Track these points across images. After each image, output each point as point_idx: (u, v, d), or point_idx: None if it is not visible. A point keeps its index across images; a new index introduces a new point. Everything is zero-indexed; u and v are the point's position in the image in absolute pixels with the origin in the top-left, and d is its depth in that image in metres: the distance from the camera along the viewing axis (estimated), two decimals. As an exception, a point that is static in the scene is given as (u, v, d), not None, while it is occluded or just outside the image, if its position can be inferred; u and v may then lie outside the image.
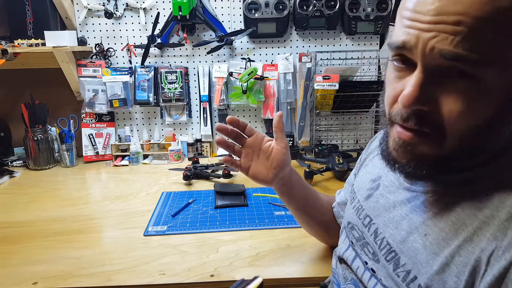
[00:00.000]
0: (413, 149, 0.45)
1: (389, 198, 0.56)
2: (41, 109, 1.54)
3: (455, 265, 0.42)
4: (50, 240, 0.97)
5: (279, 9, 1.52)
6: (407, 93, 0.42)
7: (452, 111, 0.41)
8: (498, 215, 0.41)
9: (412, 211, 0.50)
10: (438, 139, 0.43)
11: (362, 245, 0.58)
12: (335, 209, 0.81)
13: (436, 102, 0.42)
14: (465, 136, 0.42)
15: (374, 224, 0.57)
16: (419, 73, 0.42)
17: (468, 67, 0.39)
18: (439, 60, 0.40)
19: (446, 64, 0.39)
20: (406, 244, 0.49)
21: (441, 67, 0.40)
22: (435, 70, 0.41)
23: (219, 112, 1.67)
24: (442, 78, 0.41)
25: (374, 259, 0.55)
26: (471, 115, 0.41)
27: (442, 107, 0.42)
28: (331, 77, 1.48)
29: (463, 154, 0.44)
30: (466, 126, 0.41)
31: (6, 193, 1.32)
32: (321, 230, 0.84)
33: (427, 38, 0.40)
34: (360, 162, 0.73)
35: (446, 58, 0.39)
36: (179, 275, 0.80)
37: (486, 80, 0.39)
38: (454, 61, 0.39)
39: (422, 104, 0.42)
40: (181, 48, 1.62)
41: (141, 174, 1.48)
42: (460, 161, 0.45)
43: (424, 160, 0.45)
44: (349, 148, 1.72)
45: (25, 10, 1.46)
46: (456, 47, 0.38)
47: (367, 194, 0.62)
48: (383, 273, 0.52)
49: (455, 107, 0.41)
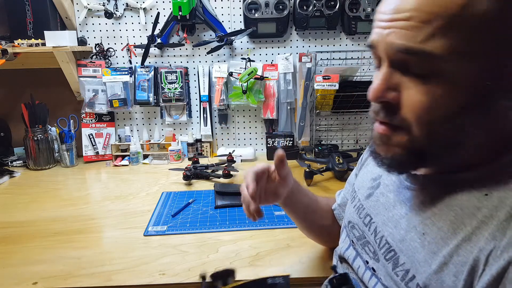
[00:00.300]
0: (388, 141, 0.47)
1: (390, 197, 0.56)
2: (41, 109, 1.54)
3: (453, 264, 0.42)
4: (50, 240, 0.97)
5: (279, 9, 1.52)
6: (373, 86, 0.46)
7: (414, 103, 0.43)
8: (497, 215, 0.41)
9: (412, 210, 0.50)
10: (407, 130, 0.45)
11: (363, 244, 0.58)
12: (335, 211, 0.81)
13: (401, 94, 0.44)
14: (431, 126, 0.43)
15: (374, 222, 0.57)
16: (384, 67, 0.45)
17: (421, 59, 0.41)
18: (397, 54, 0.43)
19: (403, 57, 0.42)
20: (405, 243, 0.49)
21: (401, 61, 0.43)
22: (397, 64, 0.44)
23: (219, 112, 1.67)
24: (404, 71, 0.44)
25: (375, 258, 0.55)
26: (432, 107, 0.42)
27: (405, 99, 0.44)
28: (331, 77, 1.48)
29: (433, 146, 0.45)
30: (429, 117, 0.43)
31: (6, 193, 1.32)
32: (322, 234, 0.84)
33: (385, 34, 0.43)
34: (362, 162, 0.73)
35: (400, 51, 0.42)
36: (179, 275, 0.80)
37: (445, 72, 0.41)
38: (407, 54, 0.41)
39: (386, 96, 0.45)
40: (181, 48, 1.62)
41: (141, 174, 1.48)
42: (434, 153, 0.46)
43: (399, 151, 0.47)
44: (349, 148, 1.72)
45: (25, 10, 1.46)
46: (407, 40, 0.41)
47: (368, 193, 0.62)
48: (383, 272, 0.52)
49: (417, 98, 0.43)
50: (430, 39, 0.40)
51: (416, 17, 0.40)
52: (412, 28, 0.41)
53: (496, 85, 0.41)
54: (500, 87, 0.42)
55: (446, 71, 0.41)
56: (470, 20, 0.39)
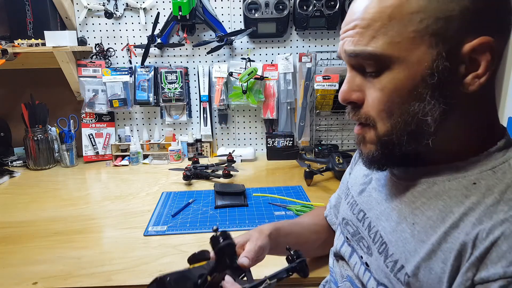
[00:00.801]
0: (363, 139, 0.52)
1: (381, 191, 0.57)
2: (41, 109, 1.54)
3: (441, 251, 0.43)
4: (50, 240, 0.97)
5: (279, 9, 1.52)
6: (341, 90, 0.51)
7: (374, 100, 0.48)
8: (484, 201, 0.42)
9: (402, 202, 0.51)
10: (374, 126, 0.49)
11: (358, 240, 0.59)
12: (328, 217, 0.81)
13: (363, 94, 0.49)
14: (392, 119, 0.47)
15: (367, 218, 0.58)
16: (347, 72, 0.51)
17: (369, 59, 0.46)
18: (351, 59, 0.49)
19: (357, 61, 0.48)
20: (395, 234, 0.50)
21: (357, 64, 0.48)
22: (357, 68, 0.49)
23: (219, 112, 1.67)
24: (363, 73, 0.49)
25: (368, 252, 0.55)
26: (388, 100, 0.46)
27: (366, 97, 0.49)
28: (331, 77, 1.48)
29: (400, 138, 0.47)
30: (388, 110, 0.47)
31: (6, 193, 1.32)
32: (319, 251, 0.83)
33: (341, 44, 0.49)
34: (355, 161, 0.74)
35: (351, 56, 0.48)
36: (179, 275, 0.80)
37: (392, 66, 0.45)
38: (356, 57, 0.47)
39: (352, 97, 0.50)
40: (181, 48, 1.62)
41: (141, 174, 1.48)
42: (403, 144, 0.48)
43: (372, 148, 0.51)
44: (349, 148, 1.72)
45: (25, 10, 1.46)
46: (354, 45, 0.46)
47: (361, 189, 0.63)
48: (375, 265, 0.53)
49: (374, 95, 0.47)
50: (372, 40, 0.45)
51: (359, 25, 0.46)
52: (357, 34, 0.46)
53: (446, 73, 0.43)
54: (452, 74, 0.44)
55: (392, 66, 0.45)
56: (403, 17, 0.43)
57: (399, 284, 0.47)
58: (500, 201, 0.41)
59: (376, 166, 0.52)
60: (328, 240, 0.80)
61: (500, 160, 0.45)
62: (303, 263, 0.62)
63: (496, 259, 0.38)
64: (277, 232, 0.72)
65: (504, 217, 0.40)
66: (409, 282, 0.46)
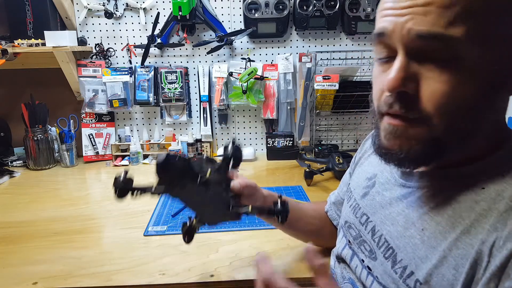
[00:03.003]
0: (403, 133, 0.45)
1: (385, 195, 0.56)
2: (41, 109, 1.54)
3: (452, 257, 0.42)
4: (50, 240, 0.97)
5: (279, 9, 1.52)
6: (391, 77, 0.43)
7: (433, 92, 0.42)
8: (496, 207, 0.41)
9: (409, 207, 0.51)
10: (424, 122, 0.43)
11: (359, 243, 0.59)
12: (329, 212, 0.81)
13: (419, 84, 0.43)
14: (449, 117, 0.42)
15: (371, 222, 0.57)
16: (400, 56, 0.43)
17: (444, 45, 0.40)
18: (417, 41, 0.41)
19: (424, 44, 0.41)
20: (403, 240, 0.49)
21: (420, 49, 0.41)
22: (415, 52, 0.42)
23: (219, 112, 1.67)
24: (422, 60, 0.42)
25: (371, 256, 0.55)
26: (452, 95, 0.41)
27: (424, 89, 0.42)
28: (331, 77, 1.48)
29: (452, 137, 0.44)
30: (449, 107, 0.42)
31: (6, 193, 1.32)
32: (310, 238, 0.83)
33: (403, 21, 0.41)
34: (355, 162, 0.74)
35: (423, 38, 0.40)
36: (179, 275, 0.80)
37: (465, 59, 0.40)
38: (431, 40, 0.40)
39: (405, 86, 0.43)
40: (181, 48, 1.62)
41: (141, 174, 1.48)
42: (451, 144, 0.44)
43: (415, 144, 0.45)
44: (349, 148, 1.72)
45: (25, 10, 1.46)
46: (431, 26, 0.39)
47: (363, 192, 0.62)
48: (380, 270, 0.52)
49: (435, 88, 0.41)
50: (451, 24, 0.39)
51: (436, 2, 0.39)
52: (432, 13, 0.39)
53: (506, 73, 0.42)
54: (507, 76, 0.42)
55: (466, 57, 0.40)
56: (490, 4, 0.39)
57: None
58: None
59: (411, 165, 0.47)
60: (323, 230, 0.81)
61: (509, 164, 0.44)
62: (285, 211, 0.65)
63: None
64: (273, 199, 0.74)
65: None
66: None
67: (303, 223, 0.81)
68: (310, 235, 0.83)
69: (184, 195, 0.65)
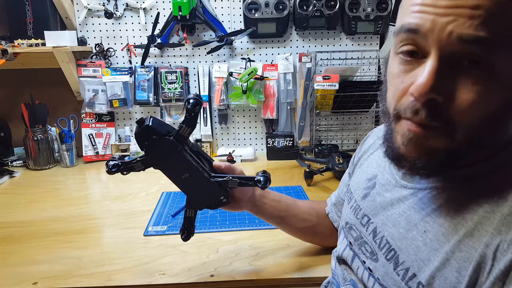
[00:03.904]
0: (424, 142, 0.43)
1: (386, 197, 0.56)
2: (41, 109, 1.54)
3: (455, 260, 0.42)
4: (50, 240, 0.97)
5: (279, 9, 1.52)
6: (422, 82, 0.40)
7: (464, 101, 0.40)
8: (499, 210, 0.41)
9: (410, 208, 0.50)
10: (448, 132, 0.41)
11: (360, 244, 0.58)
12: (330, 214, 0.81)
13: (449, 92, 0.40)
14: (475, 127, 0.41)
15: (372, 223, 0.57)
16: (434, 60, 0.40)
17: (486, 51, 0.38)
18: (457, 45, 0.38)
19: (463, 49, 0.38)
20: (404, 241, 0.49)
21: (456, 54, 0.39)
22: (449, 58, 0.39)
23: (219, 112, 1.67)
24: (457, 66, 0.40)
25: (372, 258, 0.54)
26: (482, 104, 0.40)
27: (455, 97, 0.40)
28: (331, 77, 1.48)
29: (472, 147, 0.43)
30: (476, 117, 0.40)
31: (6, 193, 1.32)
32: (306, 235, 0.85)
33: (444, 22, 0.38)
34: (354, 162, 0.73)
35: (466, 42, 0.37)
36: (179, 275, 0.80)
37: (499, 65, 0.38)
38: (474, 44, 0.37)
39: (436, 93, 0.40)
40: (181, 48, 1.62)
41: (141, 174, 1.47)
42: (469, 153, 0.43)
43: (435, 154, 0.43)
44: (349, 148, 1.72)
45: (25, 10, 1.46)
46: (476, 30, 0.37)
47: (364, 194, 0.62)
48: (381, 272, 0.52)
49: (467, 96, 0.39)
50: (496, 30, 0.37)
51: (484, 6, 0.36)
52: (479, 17, 0.36)
53: None
54: None
55: (504, 66, 0.38)
56: None
57: None
58: None
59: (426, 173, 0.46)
60: (318, 228, 0.82)
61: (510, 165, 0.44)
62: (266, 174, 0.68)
63: None
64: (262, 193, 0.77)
65: None
66: None
67: (298, 219, 0.81)
68: (306, 232, 0.83)
69: (165, 164, 0.68)
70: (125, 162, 0.69)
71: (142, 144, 0.66)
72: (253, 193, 0.76)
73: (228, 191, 0.70)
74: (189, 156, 0.66)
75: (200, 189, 0.69)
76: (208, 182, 0.68)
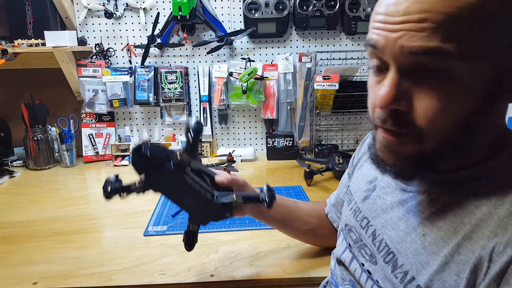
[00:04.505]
0: (397, 149, 0.45)
1: (386, 199, 0.56)
2: (41, 109, 1.54)
3: (454, 263, 0.42)
4: (50, 240, 0.97)
5: (279, 9, 1.52)
6: (382, 94, 0.43)
7: (427, 109, 0.42)
8: (496, 212, 0.41)
9: (409, 212, 0.50)
10: (418, 138, 0.43)
11: (360, 247, 0.58)
12: (330, 214, 0.82)
13: (412, 101, 0.42)
14: (444, 133, 0.42)
15: (371, 225, 0.57)
16: (392, 73, 0.43)
17: (439, 60, 0.39)
18: (410, 58, 0.41)
19: (417, 61, 0.40)
20: (403, 244, 0.49)
21: (411, 66, 0.41)
22: (407, 69, 0.42)
23: (219, 112, 1.67)
24: (415, 77, 0.42)
25: (371, 260, 0.55)
26: (446, 111, 0.41)
27: (417, 106, 0.42)
28: (331, 77, 1.48)
29: (448, 151, 0.44)
30: (443, 123, 0.42)
31: (6, 193, 1.32)
32: (307, 237, 0.85)
33: (395, 38, 0.41)
34: (354, 163, 0.73)
35: (417, 54, 0.40)
36: (179, 275, 0.80)
37: (459, 74, 0.40)
38: (425, 55, 0.39)
39: (397, 104, 0.43)
40: (181, 48, 1.62)
41: (141, 174, 1.48)
42: (447, 158, 0.45)
43: (409, 160, 0.45)
44: (349, 148, 1.72)
45: (25, 10, 1.46)
46: (425, 41, 0.39)
47: (364, 196, 0.62)
48: (380, 275, 0.52)
49: (429, 103, 0.41)
50: (445, 39, 0.38)
51: (430, 18, 0.38)
52: (426, 29, 0.39)
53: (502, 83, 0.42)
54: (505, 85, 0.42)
55: (460, 73, 0.40)
56: (484, 18, 0.38)
57: None
58: None
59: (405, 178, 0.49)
60: (320, 230, 0.82)
61: (510, 168, 0.44)
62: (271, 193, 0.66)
63: None
64: None
65: None
66: None
67: (300, 222, 0.81)
68: (307, 234, 0.83)
69: (166, 188, 0.66)
70: (124, 187, 0.67)
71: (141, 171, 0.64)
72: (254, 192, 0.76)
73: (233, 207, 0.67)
74: (190, 180, 0.64)
75: (204, 210, 0.67)
76: (211, 204, 0.65)
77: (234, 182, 0.70)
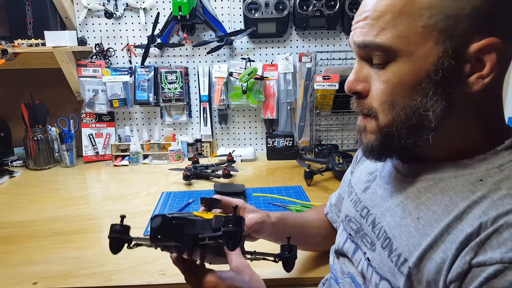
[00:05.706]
0: (364, 128, 0.53)
1: (386, 188, 0.57)
2: (41, 109, 1.54)
3: (443, 242, 0.43)
4: (50, 240, 0.97)
5: (279, 9, 1.52)
6: (348, 79, 0.52)
7: (377, 91, 0.49)
8: (490, 195, 0.43)
9: (407, 198, 0.52)
10: (374, 117, 0.50)
11: (362, 236, 0.59)
12: (329, 214, 0.82)
13: (368, 85, 0.50)
14: (394, 111, 0.48)
15: (371, 214, 0.58)
16: (356, 62, 0.52)
17: (378, 50, 0.47)
18: (359, 50, 0.50)
19: (365, 52, 0.49)
20: (399, 229, 0.50)
21: (364, 56, 0.50)
22: (364, 58, 0.50)
23: (219, 112, 1.67)
24: (369, 65, 0.50)
25: (371, 248, 0.55)
26: (391, 93, 0.47)
27: (372, 89, 0.50)
28: (331, 77, 1.48)
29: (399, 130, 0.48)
30: (391, 103, 0.48)
31: (6, 193, 1.32)
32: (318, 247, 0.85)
33: (352, 35, 0.50)
34: (357, 159, 0.74)
35: (361, 46, 0.49)
36: (179, 275, 0.79)
37: (397, 60, 0.46)
38: (366, 48, 0.48)
39: (357, 87, 0.51)
40: (181, 48, 1.63)
41: (141, 174, 1.48)
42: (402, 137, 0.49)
43: (372, 138, 0.52)
44: (349, 148, 1.72)
45: (25, 10, 1.46)
46: (364, 36, 0.48)
47: (365, 187, 0.63)
48: (377, 260, 0.53)
49: (379, 87, 0.48)
50: (381, 32, 0.46)
51: (370, 16, 0.47)
52: (367, 26, 0.47)
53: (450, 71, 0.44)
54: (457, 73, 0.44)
55: (398, 59, 0.46)
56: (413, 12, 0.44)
57: (402, 277, 0.47)
58: (508, 195, 0.41)
59: (375, 156, 0.53)
60: (329, 236, 0.81)
61: (508, 159, 0.45)
62: (292, 257, 0.62)
63: (496, 245, 0.38)
64: (282, 223, 0.74)
65: (510, 207, 0.40)
66: (410, 273, 0.46)
67: (311, 236, 0.81)
68: (317, 245, 0.83)
69: None
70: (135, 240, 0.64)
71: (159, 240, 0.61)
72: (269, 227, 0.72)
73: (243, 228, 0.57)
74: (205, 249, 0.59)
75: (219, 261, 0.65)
76: None
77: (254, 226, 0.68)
